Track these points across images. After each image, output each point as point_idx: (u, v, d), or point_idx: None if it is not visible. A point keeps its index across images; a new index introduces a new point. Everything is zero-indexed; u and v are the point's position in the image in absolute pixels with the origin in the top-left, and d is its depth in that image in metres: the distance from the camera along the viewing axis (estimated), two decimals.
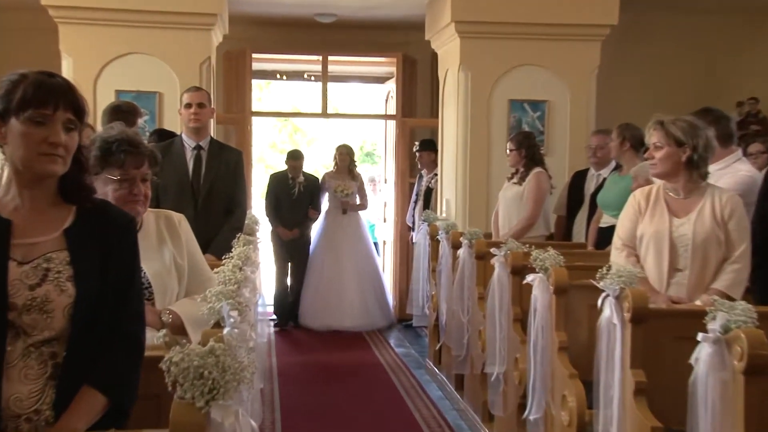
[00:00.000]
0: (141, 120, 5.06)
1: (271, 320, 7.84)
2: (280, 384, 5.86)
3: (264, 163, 16.96)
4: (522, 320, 4.00)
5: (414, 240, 7.75)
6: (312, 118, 13.28)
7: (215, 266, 2.92)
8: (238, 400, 1.74)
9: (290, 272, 7.95)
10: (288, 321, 7.90)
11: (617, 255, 3.58)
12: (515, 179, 5.76)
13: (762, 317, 2.49)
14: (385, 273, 8.48)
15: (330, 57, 8.28)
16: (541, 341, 3.54)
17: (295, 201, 7.84)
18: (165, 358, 1.64)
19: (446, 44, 6.98)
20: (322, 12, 7.71)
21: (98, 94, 6.11)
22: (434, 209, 7.32)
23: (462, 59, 6.62)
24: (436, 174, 7.55)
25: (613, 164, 5.47)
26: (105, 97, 5.88)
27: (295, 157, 8.00)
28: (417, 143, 8.09)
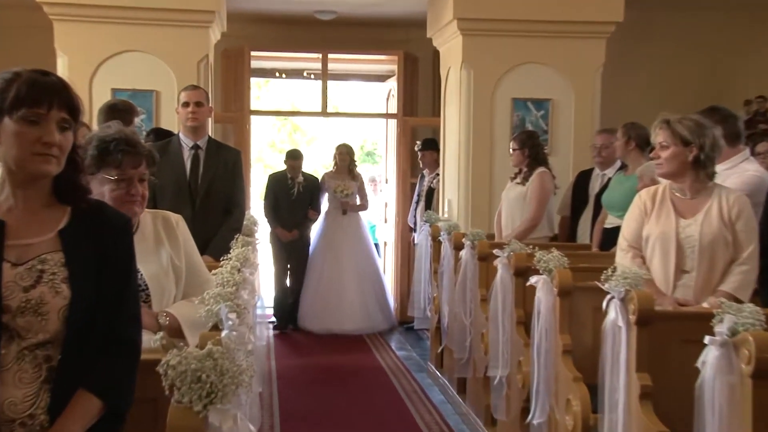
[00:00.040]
0: (138, 119, 5.04)
1: (270, 323, 7.81)
2: (279, 388, 5.83)
3: (263, 163, 16.97)
4: (525, 323, 3.99)
5: (416, 241, 7.71)
6: (311, 117, 13.33)
7: (213, 268, 2.94)
8: (237, 404, 1.74)
9: (289, 274, 7.91)
10: (287, 324, 7.86)
11: (622, 256, 3.56)
12: (518, 179, 5.73)
13: None
14: (386, 274, 8.44)
15: (330, 55, 8.22)
16: (545, 344, 3.53)
17: (295, 201, 7.80)
18: (162, 362, 1.66)
19: (448, 42, 6.95)
20: (322, 9, 7.69)
21: (94, 93, 6.06)
22: (436, 210, 7.28)
23: (464, 57, 6.59)
24: (438, 174, 7.52)
25: (618, 164, 5.44)
26: (101, 96, 5.84)
27: (295, 157, 7.96)
28: (418, 142, 8.06)
